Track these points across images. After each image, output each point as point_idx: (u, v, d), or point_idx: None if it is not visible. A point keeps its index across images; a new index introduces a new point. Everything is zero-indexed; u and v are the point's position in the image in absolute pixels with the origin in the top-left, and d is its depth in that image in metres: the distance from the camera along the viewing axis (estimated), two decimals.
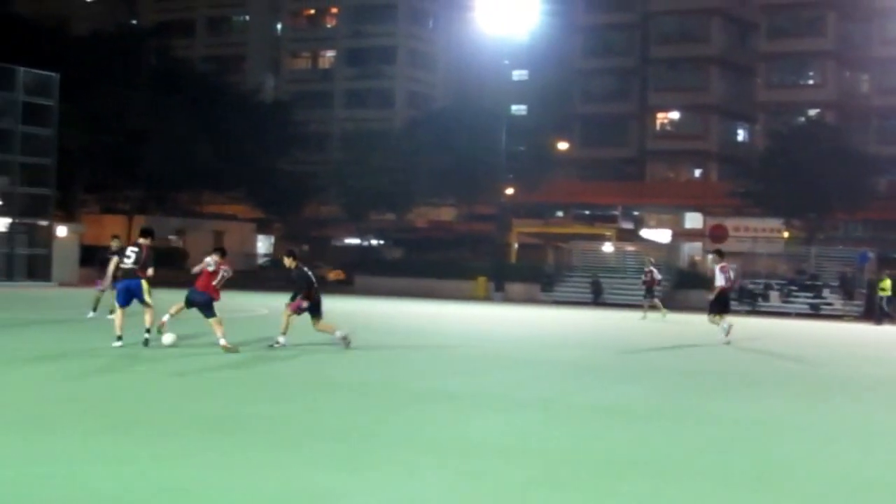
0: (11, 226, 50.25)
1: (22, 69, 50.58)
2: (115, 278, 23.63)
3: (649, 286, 40.10)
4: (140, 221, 72.34)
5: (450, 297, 54.77)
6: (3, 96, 50.56)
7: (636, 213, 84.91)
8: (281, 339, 20.09)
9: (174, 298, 19.92)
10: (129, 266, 18.78)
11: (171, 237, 74.78)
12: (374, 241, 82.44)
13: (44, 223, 52.05)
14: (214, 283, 19.08)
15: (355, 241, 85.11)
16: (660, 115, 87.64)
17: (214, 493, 8.12)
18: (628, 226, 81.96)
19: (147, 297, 18.89)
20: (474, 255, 71.95)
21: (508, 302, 54.27)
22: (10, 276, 48.74)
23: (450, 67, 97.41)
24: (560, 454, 10.19)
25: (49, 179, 51.83)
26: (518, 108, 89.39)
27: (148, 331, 19.04)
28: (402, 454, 9.75)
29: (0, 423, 10.64)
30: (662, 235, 78.27)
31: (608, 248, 67.39)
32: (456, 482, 8.77)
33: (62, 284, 50.08)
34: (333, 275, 71.70)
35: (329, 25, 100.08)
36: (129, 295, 18.77)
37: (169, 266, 67.35)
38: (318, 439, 10.31)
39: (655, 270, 40.79)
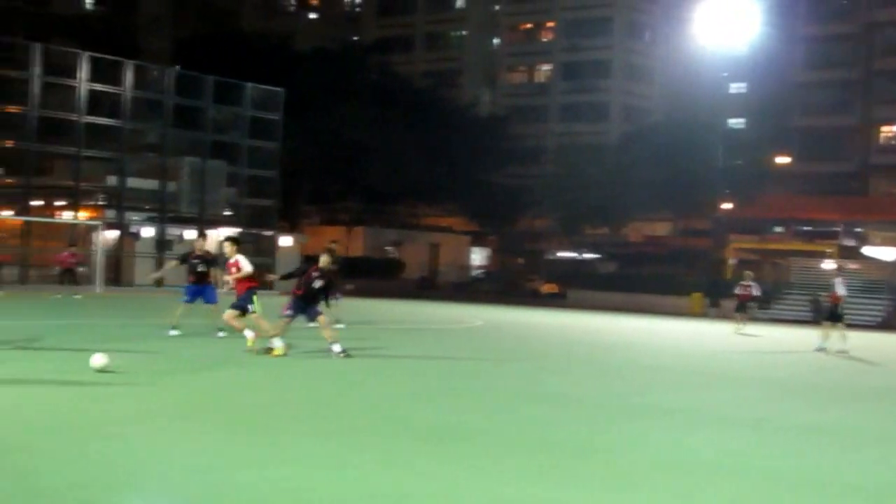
0: (239, 235, 52.10)
1: (249, 85, 52.54)
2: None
3: (743, 300, 38.56)
4: (359, 233, 74.15)
5: (664, 312, 53.79)
6: (232, 111, 52.62)
7: (858, 229, 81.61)
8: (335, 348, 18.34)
9: (388, 308, 20.31)
10: (202, 271, 20.25)
11: (388, 248, 76.19)
12: (587, 255, 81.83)
13: (268, 233, 53.86)
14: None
15: (569, 254, 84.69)
16: (884, 129, 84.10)
17: (433, 501, 8.19)
18: (850, 243, 78.79)
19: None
20: (689, 271, 70.53)
21: (724, 319, 52.95)
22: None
23: (666, 80, 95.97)
24: (773, 473, 9.89)
25: (274, 191, 53.62)
26: (735, 122, 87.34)
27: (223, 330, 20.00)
28: (614, 468, 9.64)
29: (222, 424, 10.91)
30: (887, 253, 74.91)
31: (829, 265, 64.94)
32: (666, 499, 8.64)
33: (284, 293, 51.45)
34: (546, 288, 71.47)
35: (545, 39, 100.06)
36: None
37: (386, 277, 69.01)
38: (532, 451, 10.22)
39: (754, 285, 39.38)
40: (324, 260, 18.21)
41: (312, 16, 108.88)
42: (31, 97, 45.03)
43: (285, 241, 55.17)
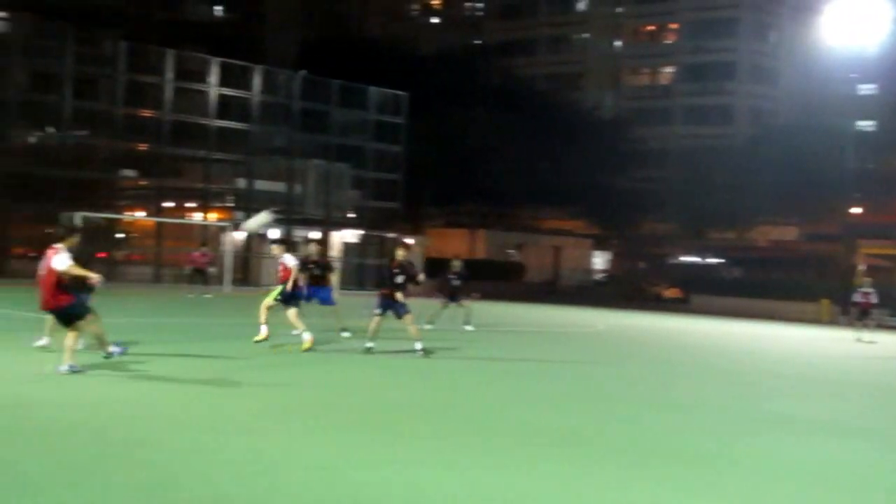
0: (362, 237, 52.62)
1: (373, 88, 52.95)
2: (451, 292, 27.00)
3: (865, 308, 36.86)
4: (482, 236, 74.12)
5: (790, 319, 52.59)
6: (357, 114, 53.07)
7: None
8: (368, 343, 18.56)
9: (509, 312, 20.09)
10: (317, 274, 20.69)
11: (510, 251, 76.06)
12: (711, 260, 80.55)
13: (391, 235, 54.11)
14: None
15: (692, 258, 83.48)
16: None
17: None
18: None
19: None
20: (817, 277, 68.90)
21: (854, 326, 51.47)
22: (360, 284, 50.99)
23: (792, 82, 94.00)
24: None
25: (397, 194, 53.93)
26: (865, 124, 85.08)
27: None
28: (737, 478, 9.46)
29: (345, 424, 10.97)
30: None
31: None
32: None
33: (407, 296, 51.65)
34: (669, 292, 70.50)
35: (668, 41, 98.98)
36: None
37: (508, 280, 68.84)
38: (653, 458, 10.07)
39: (873, 292, 37.79)
40: (400, 254, 18.42)
41: (435, 20, 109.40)
42: (164, 102, 46.04)
43: (408, 242, 55.36)
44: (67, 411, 10.80)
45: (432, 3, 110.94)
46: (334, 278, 21.78)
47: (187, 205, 51.34)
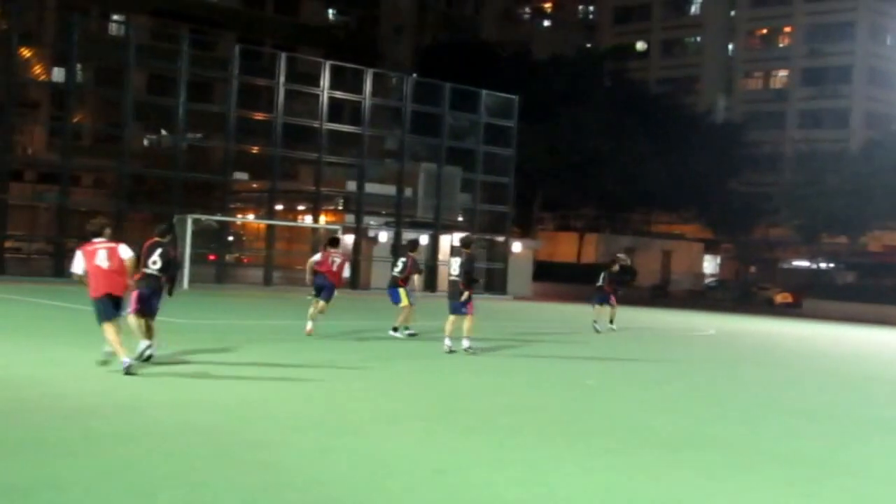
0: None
1: (484, 92, 51.76)
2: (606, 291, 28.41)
3: None
4: (592, 240, 72.62)
5: None
6: (468, 118, 51.99)
7: None
8: (447, 343, 18.71)
9: (620, 315, 19.83)
10: (396, 275, 21.30)
11: (620, 255, 74.21)
12: (824, 265, 78.03)
13: (501, 239, 52.95)
14: (333, 269, 20.51)
15: (805, 263, 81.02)
16: None
17: None
18: None
19: (405, 300, 21.06)
20: None
21: None
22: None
23: None
24: None
25: (507, 197, 52.63)
26: None
27: (395, 329, 21.18)
28: (859, 486, 9.28)
29: (459, 427, 10.83)
30: None
31: None
32: None
33: (517, 298, 50.69)
34: (781, 297, 68.43)
35: (783, 45, 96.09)
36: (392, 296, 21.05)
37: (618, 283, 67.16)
38: (775, 464, 9.91)
39: None
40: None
41: (548, 23, 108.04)
42: (277, 104, 45.46)
43: (517, 246, 54.10)
44: (179, 412, 10.72)
45: (545, 6, 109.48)
46: (416, 280, 21.92)
47: (299, 207, 50.79)
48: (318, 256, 21.05)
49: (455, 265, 18.53)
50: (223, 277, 43.40)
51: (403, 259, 21.67)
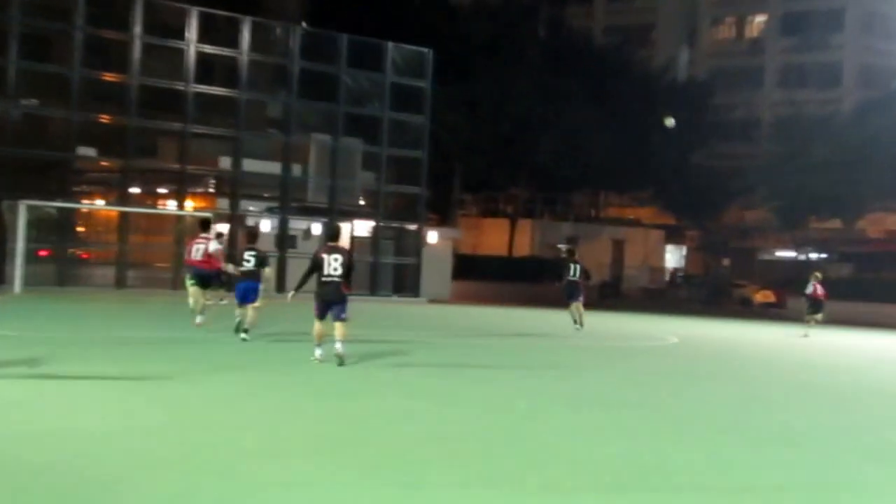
0: (376, 230, 52.15)
1: (391, 45, 52.42)
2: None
3: None
4: (526, 227, 73.64)
5: None
6: (370, 77, 52.58)
7: None
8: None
9: (558, 320, 19.69)
10: (249, 269, 23.04)
11: (561, 247, 75.62)
12: (812, 255, 79.72)
13: (412, 227, 53.70)
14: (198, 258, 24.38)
15: (789, 253, 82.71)
16: None
17: None
18: None
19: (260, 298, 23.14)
20: None
21: None
22: (373, 288, 50.71)
23: None
24: None
25: (420, 175, 53.32)
26: None
27: (246, 330, 23.01)
28: None
29: (370, 466, 10.70)
30: None
31: None
32: None
33: (433, 301, 51.42)
34: (761, 296, 69.92)
35: None
36: (246, 294, 22.94)
37: (559, 281, 68.00)
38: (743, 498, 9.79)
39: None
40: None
41: None
42: (132, 63, 45.79)
43: (433, 236, 54.90)
44: (7, 447, 10.73)
45: None
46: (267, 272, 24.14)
47: (159, 191, 51.10)
48: (213, 247, 24.03)
49: (336, 263, 19.21)
50: (65, 279, 43.65)
51: (252, 252, 23.40)
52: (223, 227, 38.66)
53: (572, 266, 32.03)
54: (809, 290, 40.42)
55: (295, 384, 17.13)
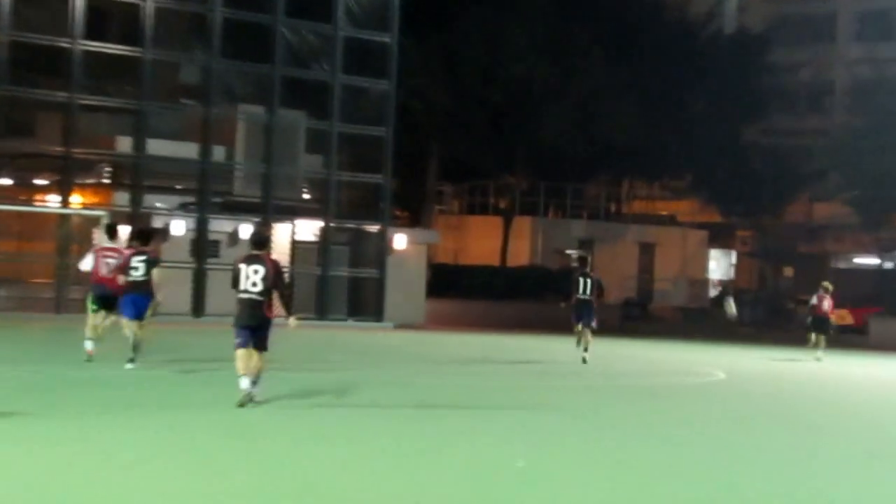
0: (325, 232, 51.76)
1: None
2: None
3: None
4: (524, 227, 73.40)
5: None
6: (316, 30, 52.40)
7: None
8: None
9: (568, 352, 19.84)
10: (138, 278, 24.36)
11: (571, 253, 75.41)
12: None
13: (374, 228, 53.38)
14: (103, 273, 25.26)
15: (871, 260, 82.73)
16: None
17: None
18: None
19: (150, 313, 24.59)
20: None
21: None
22: (321, 310, 50.24)
23: None
24: None
25: (383, 160, 53.12)
26: None
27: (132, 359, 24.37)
28: None
29: None
30: None
31: None
32: None
33: (401, 326, 51.04)
34: (836, 317, 69.66)
35: None
36: (136, 309, 24.30)
37: (569, 300, 67.43)
38: None
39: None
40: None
41: None
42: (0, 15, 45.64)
43: (401, 240, 54.50)
44: None
45: None
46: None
47: (37, 182, 50.82)
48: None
49: (255, 276, 19.65)
50: None
51: (142, 257, 24.80)
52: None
53: (582, 280, 32.58)
54: (814, 301, 42.45)
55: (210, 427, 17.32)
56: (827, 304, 41.70)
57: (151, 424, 17.39)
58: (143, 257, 24.17)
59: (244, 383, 19.49)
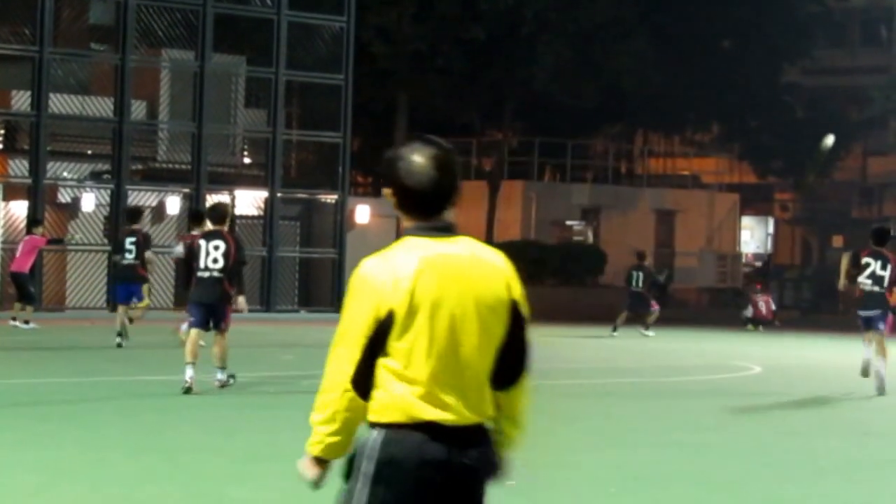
0: (269, 204, 51.74)
1: None
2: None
3: None
4: (516, 192, 73.55)
5: None
6: None
7: None
8: None
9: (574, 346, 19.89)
10: (131, 261, 26.75)
11: (574, 223, 75.61)
12: None
13: (330, 198, 53.44)
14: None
15: None
16: None
17: None
18: None
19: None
20: None
21: None
22: (266, 301, 50.25)
23: None
24: None
25: (341, 114, 53.16)
26: None
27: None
28: None
29: None
30: None
31: None
32: None
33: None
34: (894, 298, 70.03)
35: None
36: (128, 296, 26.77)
37: (573, 281, 67.65)
38: None
39: None
40: None
41: None
42: None
43: (363, 211, 54.57)
44: None
45: None
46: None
47: None
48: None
49: (216, 252, 21.11)
50: None
51: (132, 238, 26.46)
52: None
53: (634, 273, 38.01)
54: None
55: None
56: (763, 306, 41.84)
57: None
58: (134, 239, 26.48)
59: (189, 373, 20.85)
